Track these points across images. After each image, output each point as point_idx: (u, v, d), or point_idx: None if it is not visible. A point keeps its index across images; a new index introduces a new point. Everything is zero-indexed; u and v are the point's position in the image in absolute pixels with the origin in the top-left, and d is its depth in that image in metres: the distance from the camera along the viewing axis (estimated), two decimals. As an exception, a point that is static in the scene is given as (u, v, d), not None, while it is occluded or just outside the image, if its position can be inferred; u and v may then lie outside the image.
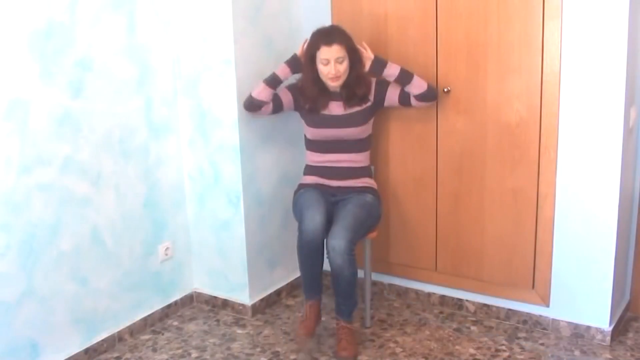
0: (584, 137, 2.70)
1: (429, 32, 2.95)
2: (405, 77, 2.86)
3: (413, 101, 2.89)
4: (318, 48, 2.79)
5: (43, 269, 2.62)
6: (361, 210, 2.85)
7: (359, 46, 2.88)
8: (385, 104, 2.95)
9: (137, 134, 2.97)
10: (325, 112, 2.91)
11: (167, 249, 3.20)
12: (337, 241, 2.69)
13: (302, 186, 3.02)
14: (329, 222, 2.78)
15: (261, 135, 3.16)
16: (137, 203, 3.02)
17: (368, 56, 2.88)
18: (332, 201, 2.92)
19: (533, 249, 2.92)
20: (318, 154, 2.98)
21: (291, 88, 2.98)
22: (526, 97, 2.79)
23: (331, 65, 2.78)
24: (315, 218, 2.74)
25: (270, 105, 2.93)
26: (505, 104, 2.85)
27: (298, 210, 2.89)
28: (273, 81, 2.91)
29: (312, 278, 2.87)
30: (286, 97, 2.96)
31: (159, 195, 3.12)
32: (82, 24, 2.65)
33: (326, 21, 3.21)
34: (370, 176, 3.04)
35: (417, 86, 2.86)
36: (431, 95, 2.89)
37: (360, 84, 2.87)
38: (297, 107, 2.99)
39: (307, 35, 3.26)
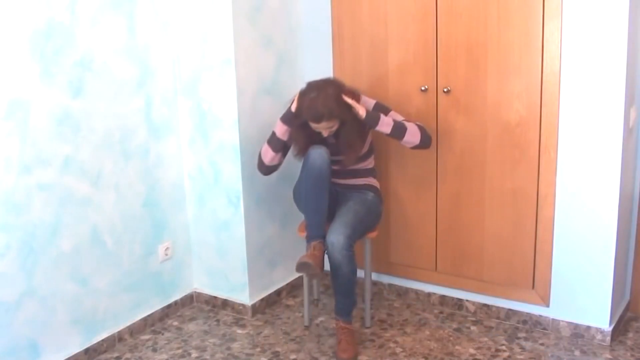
0: (584, 137, 2.70)
1: (429, 32, 2.96)
2: (399, 130, 2.81)
3: (402, 143, 2.87)
4: (309, 122, 2.74)
5: (43, 269, 2.62)
6: (361, 207, 2.85)
7: (347, 100, 2.75)
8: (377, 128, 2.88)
9: (137, 134, 2.97)
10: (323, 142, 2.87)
11: (167, 249, 3.20)
12: (336, 236, 2.68)
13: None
14: (329, 210, 2.76)
15: (261, 135, 3.15)
16: (137, 203, 3.02)
17: (361, 113, 2.77)
18: (333, 192, 2.92)
19: (533, 248, 2.92)
20: None
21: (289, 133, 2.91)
22: (526, 97, 2.79)
23: (323, 132, 2.78)
24: (322, 152, 2.72)
25: (279, 158, 2.94)
26: (505, 103, 2.85)
27: (304, 159, 2.82)
28: (277, 144, 2.88)
29: (316, 214, 2.76)
30: (288, 140, 2.91)
31: (159, 195, 3.13)
32: (82, 24, 2.65)
33: (326, 21, 3.22)
34: (374, 176, 3.04)
35: (410, 141, 2.83)
36: (424, 146, 2.87)
37: (348, 147, 2.83)
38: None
39: (308, 34, 3.28)
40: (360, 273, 3.11)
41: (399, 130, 2.81)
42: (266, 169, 2.95)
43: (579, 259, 2.82)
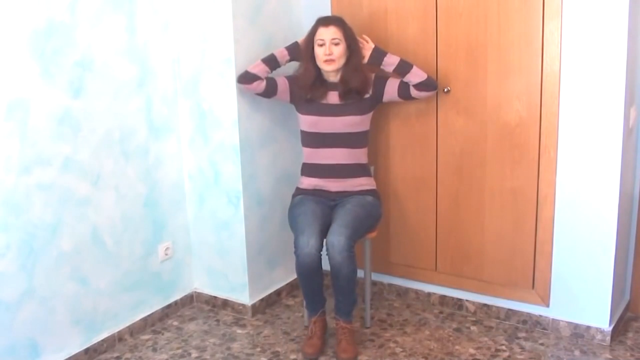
0: (584, 137, 2.70)
1: (429, 32, 2.96)
2: (404, 67, 2.88)
3: (413, 91, 2.89)
4: (316, 30, 2.84)
5: (43, 269, 2.62)
6: (361, 209, 2.85)
7: (359, 37, 2.90)
8: (385, 98, 2.94)
9: (137, 134, 2.97)
10: (323, 101, 2.91)
11: (167, 249, 3.20)
12: (336, 238, 2.68)
13: (299, 192, 3.01)
14: (326, 234, 2.76)
15: (261, 135, 3.16)
16: (137, 203, 3.02)
17: (368, 47, 2.92)
18: (332, 205, 2.92)
19: (533, 249, 2.92)
20: (313, 149, 2.95)
21: (289, 78, 2.98)
22: (526, 97, 2.79)
23: (326, 46, 2.80)
24: (309, 242, 2.70)
25: (264, 83, 2.91)
26: (505, 104, 2.85)
27: (293, 226, 2.86)
28: (270, 60, 2.94)
29: (313, 295, 2.86)
30: (283, 84, 2.95)
31: (159, 195, 3.12)
32: (82, 24, 2.65)
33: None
34: (369, 175, 3.04)
35: (417, 75, 2.87)
36: (431, 84, 2.89)
37: (358, 76, 2.86)
38: (293, 98, 2.98)
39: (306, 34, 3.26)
40: (360, 273, 3.11)
41: (406, 64, 2.88)
42: (243, 75, 2.92)
43: (579, 259, 2.82)
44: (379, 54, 2.91)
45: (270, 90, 2.94)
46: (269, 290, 3.35)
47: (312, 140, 2.96)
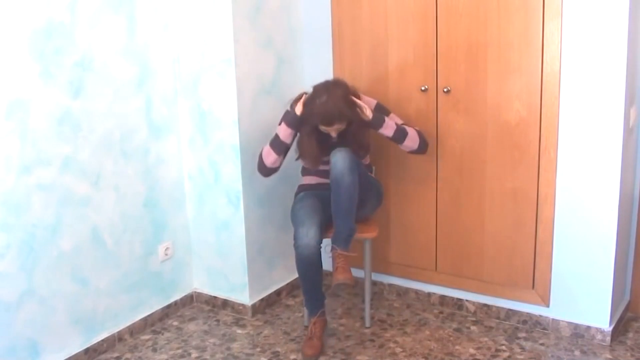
0: (584, 137, 2.70)
1: (429, 32, 2.96)
2: (400, 134, 2.85)
3: (404, 148, 2.91)
4: (321, 126, 2.77)
5: (43, 269, 2.62)
6: (363, 174, 2.85)
7: (357, 102, 2.79)
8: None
9: (137, 134, 2.97)
10: (326, 153, 2.85)
11: (167, 249, 3.20)
12: (340, 152, 2.69)
13: (301, 188, 3.02)
14: (327, 230, 2.76)
15: (261, 135, 3.15)
16: (137, 203, 3.02)
17: (367, 115, 2.80)
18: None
19: (533, 249, 2.92)
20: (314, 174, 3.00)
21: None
22: (526, 97, 2.79)
23: (332, 132, 2.79)
24: (309, 233, 2.71)
25: (281, 160, 2.93)
26: (505, 104, 2.85)
27: (294, 218, 2.87)
28: (280, 147, 2.87)
29: (313, 291, 2.86)
30: (291, 143, 2.93)
31: (159, 195, 3.12)
32: (82, 24, 2.65)
33: (326, 21, 3.22)
34: (371, 172, 3.05)
35: (409, 146, 2.88)
36: (421, 151, 2.92)
37: (356, 140, 2.84)
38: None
39: (308, 34, 3.28)
40: (360, 273, 3.11)
41: (400, 134, 2.86)
42: (267, 171, 2.95)
43: (579, 259, 2.82)
44: (378, 121, 2.82)
45: (286, 154, 2.94)
46: (269, 290, 3.35)
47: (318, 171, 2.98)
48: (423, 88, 3.01)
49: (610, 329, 2.85)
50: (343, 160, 2.68)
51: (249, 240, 3.17)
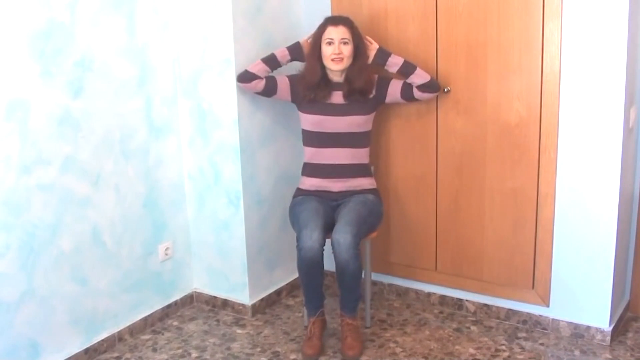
0: (584, 137, 2.70)
1: (429, 32, 2.96)
2: (408, 67, 2.89)
3: (416, 93, 2.89)
4: (324, 29, 2.84)
5: (43, 269, 2.62)
6: (363, 207, 2.85)
7: (364, 39, 2.91)
8: (387, 99, 2.95)
9: (137, 134, 2.97)
10: (326, 101, 2.91)
11: (167, 249, 3.20)
12: (343, 235, 2.68)
13: (300, 192, 3.01)
14: (328, 231, 2.78)
15: (261, 135, 3.16)
16: (137, 203, 3.02)
17: (373, 47, 2.92)
18: (333, 205, 2.92)
19: (533, 249, 2.92)
20: (316, 149, 2.95)
21: (291, 77, 2.98)
22: (526, 97, 2.79)
23: (335, 45, 2.80)
24: (312, 236, 2.70)
25: (262, 82, 2.92)
26: (505, 104, 2.85)
27: (295, 222, 2.86)
28: (270, 60, 2.94)
29: (313, 292, 2.86)
30: (283, 83, 2.96)
31: (159, 195, 3.13)
32: (82, 24, 2.65)
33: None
34: (370, 175, 3.04)
35: (420, 76, 2.88)
36: (434, 86, 2.90)
37: (362, 77, 2.87)
38: (295, 98, 2.97)
39: (308, 34, 3.26)
40: (360, 273, 3.11)
41: (410, 65, 2.89)
42: (242, 74, 2.93)
43: (579, 259, 2.82)
44: (383, 54, 2.92)
45: (269, 89, 2.94)
46: (269, 290, 3.35)
47: (315, 139, 2.95)
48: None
49: (610, 329, 2.85)
50: (347, 250, 2.67)
51: (249, 240, 3.17)
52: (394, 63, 2.90)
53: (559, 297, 2.91)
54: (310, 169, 3.00)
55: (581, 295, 2.86)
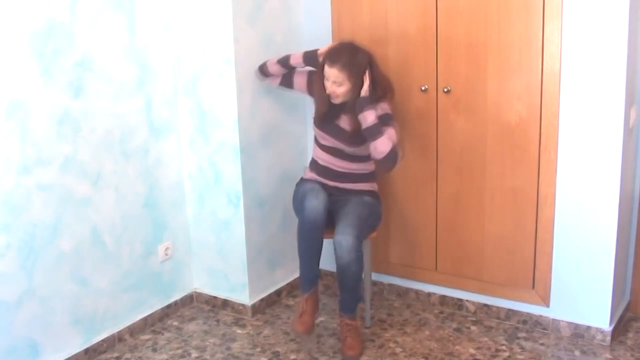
0: (584, 137, 2.70)
1: (429, 32, 2.95)
2: (375, 131, 2.67)
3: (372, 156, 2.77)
4: (323, 65, 2.75)
5: (43, 269, 2.62)
6: (362, 208, 2.85)
7: (365, 78, 2.72)
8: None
9: (137, 134, 2.97)
10: (337, 121, 2.85)
11: (167, 249, 3.20)
12: (344, 237, 2.68)
13: (303, 180, 3.03)
14: (328, 213, 2.78)
15: (261, 135, 3.16)
16: (137, 203, 3.02)
17: (364, 89, 2.72)
18: (332, 199, 2.92)
19: (533, 249, 2.92)
20: (321, 151, 2.95)
21: (309, 73, 2.95)
22: (526, 97, 2.79)
23: (329, 83, 2.74)
24: (316, 204, 2.73)
25: (278, 80, 3.01)
26: (505, 104, 2.85)
27: (298, 199, 2.86)
28: (284, 64, 2.96)
29: (310, 262, 2.83)
30: (301, 80, 2.96)
31: (159, 195, 3.12)
32: (82, 24, 2.65)
33: (326, 21, 3.22)
34: (374, 180, 3.01)
35: (377, 148, 2.67)
36: (388, 161, 2.70)
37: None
38: (311, 91, 2.96)
39: (307, 35, 3.28)
40: (360, 273, 3.11)
41: (374, 130, 2.67)
42: (261, 68, 3.01)
43: (579, 259, 2.82)
44: (361, 103, 2.71)
45: (285, 85, 3.02)
46: (269, 290, 3.35)
47: (321, 143, 2.95)
48: (423, 88, 3.01)
49: (610, 329, 2.85)
50: (349, 252, 2.67)
51: (249, 240, 3.17)
52: (365, 118, 2.69)
53: (559, 297, 2.91)
54: (317, 168, 2.98)
55: (581, 295, 2.86)
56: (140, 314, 3.10)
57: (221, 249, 3.24)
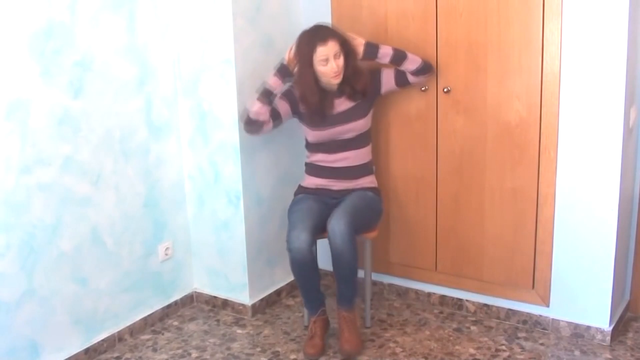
0: (584, 137, 2.70)
1: (429, 32, 2.96)
2: (399, 55, 2.85)
3: (410, 78, 2.89)
4: (314, 49, 2.73)
5: (43, 269, 2.62)
6: (361, 201, 2.86)
7: (348, 36, 2.84)
8: (383, 90, 2.94)
9: (137, 134, 2.97)
10: (332, 112, 2.88)
11: (167, 249, 3.20)
12: (337, 222, 2.68)
13: (301, 190, 3.02)
14: (323, 231, 2.77)
15: (261, 136, 3.15)
16: (137, 203, 3.02)
17: (359, 42, 2.85)
18: (333, 203, 2.92)
19: (533, 249, 2.92)
20: (326, 155, 2.95)
21: (286, 95, 2.91)
22: (526, 97, 2.79)
23: (331, 62, 2.73)
24: (300, 236, 2.69)
25: (271, 124, 2.87)
26: (505, 104, 2.85)
27: (289, 221, 2.86)
28: (266, 95, 2.82)
29: (310, 292, 2.86)
30: (283, 107, 2.90)
31: (159, 195, 3.13)
32: (82, 24, 2.65)
33: (326, 21, 3.22)
34: (371, 173, 3.03)
35: (413, 61, 2.85)
36: (427, 68, 2.88)
37: (358, 77, 2.84)
38: (296, 113, 2.94)
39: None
40: (360, 273, 3.10)
41: (400, 52, 2.85)
42: (249, 125, 2.87)
43: (579, 259, 2.82)
44: (372, 48, 2.87)
45: (277, 125, 2.92)
46: (269, 290, 3.35)
47: (323, 148, 2.95)
48: (423, 88, 3.01)
49: (610, 328, 2.85)
50: (341, 237, 2.67)
51: (249, 240, 3.17)
52: (385, 54, 2.86)
53: (559, 297, 2.91)
54: (315, 170, 3.00)
55: (581, 295, 2.86)
56: (140, 314, 3.10)
57: (221, 249, 3.24)
